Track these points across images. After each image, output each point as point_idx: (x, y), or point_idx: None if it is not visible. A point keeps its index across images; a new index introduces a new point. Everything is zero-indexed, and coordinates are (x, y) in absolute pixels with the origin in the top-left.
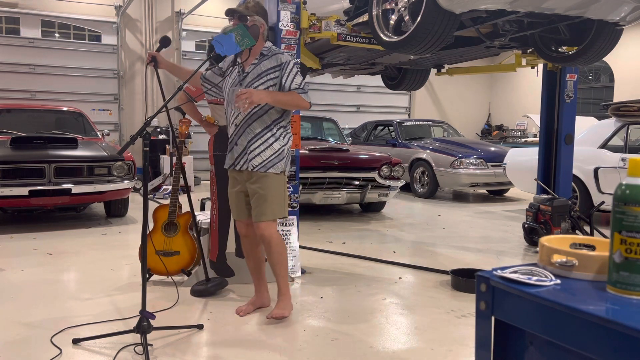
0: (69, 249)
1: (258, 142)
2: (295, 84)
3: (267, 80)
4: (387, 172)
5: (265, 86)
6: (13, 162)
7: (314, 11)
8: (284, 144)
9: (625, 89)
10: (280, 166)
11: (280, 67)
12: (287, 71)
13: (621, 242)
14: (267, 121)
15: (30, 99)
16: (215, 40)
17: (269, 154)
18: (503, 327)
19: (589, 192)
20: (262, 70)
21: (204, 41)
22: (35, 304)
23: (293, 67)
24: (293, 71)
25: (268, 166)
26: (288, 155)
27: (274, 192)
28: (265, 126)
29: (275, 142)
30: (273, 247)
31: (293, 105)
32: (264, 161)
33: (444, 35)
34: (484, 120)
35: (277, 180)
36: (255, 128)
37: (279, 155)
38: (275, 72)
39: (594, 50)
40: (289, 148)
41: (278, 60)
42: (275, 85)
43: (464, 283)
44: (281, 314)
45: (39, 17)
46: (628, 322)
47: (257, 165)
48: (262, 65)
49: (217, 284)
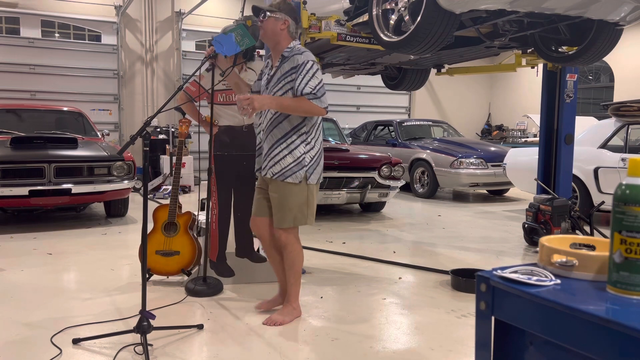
0: (69, 249)
1: (278, 149)
2: (309, 88)
3: (285, 84)
4: (387, 172)
5: (283, 91)
6: (13, 162)
7: (314, 11)
8: (304, 151)
9: (625, 89)
10: (299, 175)
11: (296, 68)
12: (301, 73)
13: (621, 242)
14: (287, 128)
15: (30, 99)
16: (215, 40)
17: (288, 162)
18: (503, 327)
19: (589, 192)
20: (282, 73)
21: (204, 41)
22: (35, 304)
23: (309, 69)
24: (309, 74)
25: (286, 175)
26: (314, 163)
27: (292, 200)
28: (285, 133)
29: (295, 149)
30: (287, 254)
31: (302, 112)
32: (283, 169)
33: (444, 35)
34: (484, 120)
35: (295, 189)
36: (275, 135)
37: (299, 163)
38: (292, 74)
39: (594, 50)
40: (316, 156)
41: (295, 62)
42: (292, 90)
43: (464, 283)
44: (280, 320)
45: (39, 17)
46: (628, 322)
47: (276, 173)
48: (282, 68)
49: (213, 288)
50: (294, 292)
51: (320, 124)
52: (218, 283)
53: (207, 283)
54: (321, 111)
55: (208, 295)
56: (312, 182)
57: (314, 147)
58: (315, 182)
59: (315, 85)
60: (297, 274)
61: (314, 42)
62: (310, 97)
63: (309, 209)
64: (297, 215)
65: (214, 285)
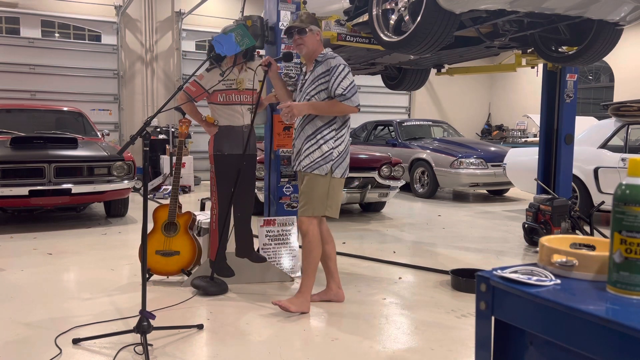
0: (69, 249)
1: (309, 144)
2: (341, 89)
3: (318, 86)
4: (387, 172)
5: (317, 91)
6: (13, 162)
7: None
8: (333, 146)
9: (625, 89)
10: (326, 168)
11: (329, 72)
12: (335, 75)
13: (621, 242)
14: (319, 124)
15: (30, 99)
16: (215, 40)
17: (317, 156)
18: (503, 327)
19: (589, 192)
20: (315, 76)
21: (204, 41)
22: (35, 304)
23: (341, 71)
24: (341, 75)
25: (314, 167)
26: (340, 158)
27: (316, 191)
28: (316, 128)
29: (325, 144)
30: (305, 242)
31: (336, 112)
32: (311, 162)
33: (444, 35)
34: (484, 120)
35: (321, 181)
36: (307, 130)
37: (326, 157)
38: (326, 77)
39: (594, 50)
40: (343, 152)
41: (328, 65)
42: (326, 90)
43: (464, 283)
44: (286, 305)
45: (39, 17)
46: (628, 322)
47: (305, 165)
48: (316, 72)
49: (218, 288)
50: (305, 284)
51: (349, 123)
52: (223, 282)
53: (215, 282)
54: (353, 109)
55: (216, 294)
56: (337, 176)
57: (342, 144)
58: (339, 176)
59: (346, 85)
60: (312, 265)
61: None
62: (341, 99)
63: (329, 200)
64: (317, 206)
65: (220, 284)
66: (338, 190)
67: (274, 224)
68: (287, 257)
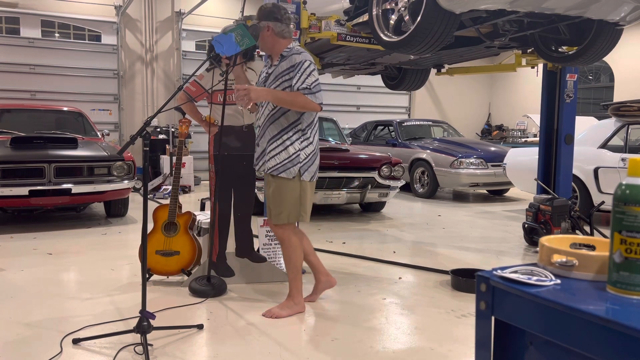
0: (69, 249)
1: (274, 145)
2: (305, 84)
3: (282, 82)
4: (387, 172)
5: (281, 87)
6: (13, 162)
7: (314, 11)
8: (300, 148)
9: (625, 89)
10: (293, 171)
11: (293, 68)
12: (300, 71)
13: (621, 242)
14: (284, 124)
15: (30, 99)
16: (215, 40)
17: (283, 157)
18: (503, 327)
19: (589, 192)
20: (279, 71)
21: (204, 41)
22: (35, 304)
23: (307, 67)
24: (306, 72)
25: (280, 170)
26: (309, 160)
27: (289, 196)
28: (282, 129)
29: (291, 145)
30: (285, 249)
31: (298, 106)
32: (277, 164)
33: (444, 35)
34: (484, 120)
35: (291, 185)
36: (272, 130)
37: (293, 160)
38: (290, 73)
39: (594, 50)
40: (311, 154)
41: (293, 61)
42: (289, 87)
43: (464, 283)
44: (277, 313)
45: (39, 17)
46: (628, 322)
47: (271, 167)
48: (280, 67)
49: (216, 290)
50: (294, 287)
51: (316, 123)
52: (222, 283)
53: (212, 283)
54: (316, 107)
55: (213, 296)
56: (306, 179)
57: (310, 145)
58: (309, 180)
59: (311, 82)
60: (296, 269)
61: (314, 42)
62: (305, 92)
63: (301, 206)
64: (291, 212)
65: (218, 286)
66: (310, 194)
67: None
68: None
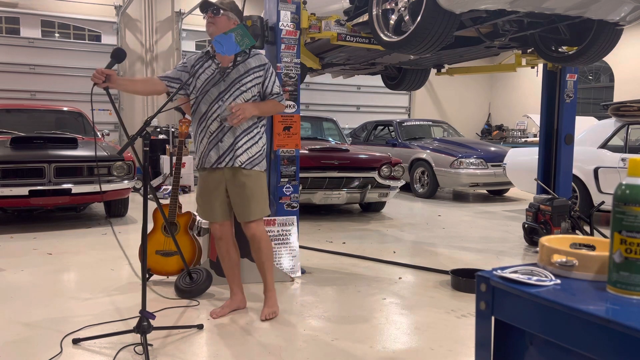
0: (69, 249)
1: (246, 139)
2: (277, 87)
3: (254, 78)
4: (387, 172)
5: (253, 84)
6: (13, 162)
7: (314, 11)
8: (264, 142)
9: (625, 89)
10: (264, 164)
11: (264, 68)
12: (269, 74)
13: (621, 242)
14: (254, 118)
15: (30, 99)
16: (216, 40)
17: (255, 151)
18: (503, 327)
19: (589, 192)
20: (248, 67)
21: (204, 41)
22: (35, 304)
23: (273, 71)
24: (274, 74)
25: (254, 163)
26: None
27: (258, 190)
28: (253, 123)
29: (260, 139)
30: (263, 245)
31: (275, 112)
32: (251, 158)
33: (444, 35)
34: (484, 120)
35: (261, 178)
36: (243, 124)
37: (262, 154)
38: (260, 71)
39: (594, 50)
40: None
41: (261, 60)
42: (259, 85)
43: (464, 283)
44: (273, 312)
45: (39, 17)
46: (628, 322)
47: (244, 161)
48: (248, 63)
49: (201, 287)
50: (273, 281)
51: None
52: (207, 277)
53: (193, 280)
54: (283, 108)
55: (198, 294)
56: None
57: (265, 137)
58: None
59: (279, 84)
60: (272, 263)
61: (314, 42)
62: (279, 99)
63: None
64: (263, 206)
65: (202, 282)
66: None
67: (274, 224)
68: (287, 257)
